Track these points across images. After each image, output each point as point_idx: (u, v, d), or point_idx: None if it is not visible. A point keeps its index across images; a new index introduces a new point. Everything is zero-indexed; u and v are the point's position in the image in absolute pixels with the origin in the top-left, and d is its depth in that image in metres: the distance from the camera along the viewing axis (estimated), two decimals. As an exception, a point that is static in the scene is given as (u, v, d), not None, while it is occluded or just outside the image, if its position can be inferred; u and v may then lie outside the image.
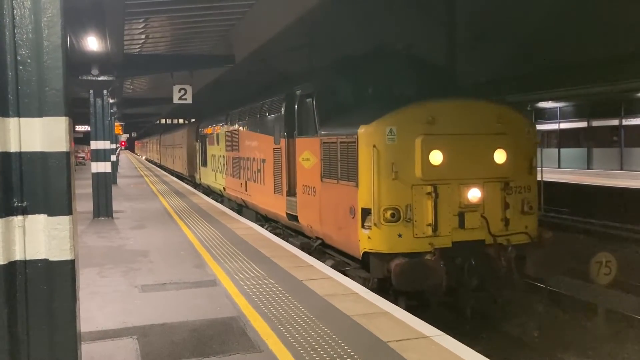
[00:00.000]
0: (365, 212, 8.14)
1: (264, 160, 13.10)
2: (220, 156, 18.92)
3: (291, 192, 11.24)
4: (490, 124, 8.36)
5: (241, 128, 15.76)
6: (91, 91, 15.40)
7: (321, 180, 9.54)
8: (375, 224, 7.89)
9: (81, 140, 50.38)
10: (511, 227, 8.35)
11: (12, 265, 3.30)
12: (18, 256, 3.32)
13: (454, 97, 8.70)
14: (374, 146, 7.94)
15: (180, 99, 18.10)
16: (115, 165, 30.54)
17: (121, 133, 45.30)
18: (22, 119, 3.31)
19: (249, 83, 23.24)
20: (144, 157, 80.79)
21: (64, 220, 3.38)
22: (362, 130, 8.29)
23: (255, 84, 21.61)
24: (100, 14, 10.48)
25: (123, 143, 69.32)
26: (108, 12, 10.41)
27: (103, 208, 15.24)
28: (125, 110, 36.59)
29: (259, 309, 6.63)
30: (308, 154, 10.10)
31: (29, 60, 3.30)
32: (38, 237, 3.35)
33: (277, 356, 5.19)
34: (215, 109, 24.18)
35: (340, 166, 8.90)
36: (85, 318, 6.16)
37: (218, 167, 19.69)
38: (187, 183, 29.77)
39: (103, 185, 15.34)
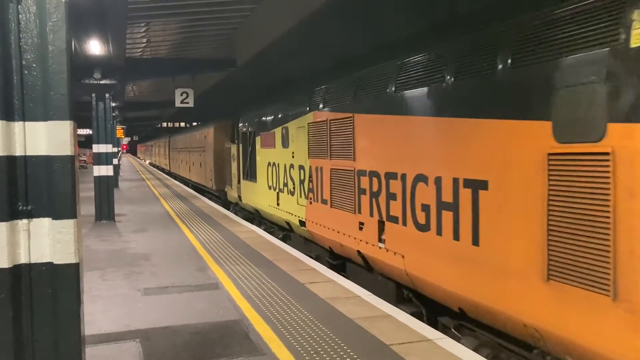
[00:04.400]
0: None
1: (480, 185, 5.77)
2: (291, 166, 11.76)
3: None
4: None
5: (369, 114, 8.20)
6: (93, 95, 15.45)
7: None
8: None
9: (83, 143, 50.44)
10: None
11: (17, 269, 3.31)
12: (23, 259, 3.34)
13: None
14: None
15: (182, 102, 18.12)
16: (117, 168, 30.58)
17: (123, 136, 45.37)
18: (27, 123, 3.33)
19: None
20: (147, 162, 76.48)
21: (68, 224, 3.40)
22: None
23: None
24: (103, 17, 10.51)
25: (124, 146, 69.36)
26: (110, 16, 10.44)
27: (105, 211, 15.26)
28: (127, 113, 36.65)
29: (261, 312, 6.65)
30: None
31: (34, 65, 3.32)
32: (43, 241, 3.36)
33: (279, 359, 5.19)
34: (274, 88, 16.75)
35: None
36: (88, 321, 6.17)
37: (285, 184, 12.28)
38: (209, 198, 23.42)
39: (105, 189, 15.36)
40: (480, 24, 6.21)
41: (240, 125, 17.00)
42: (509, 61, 5.41)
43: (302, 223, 11.10)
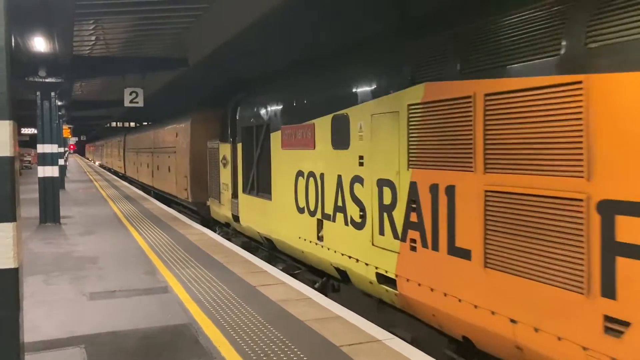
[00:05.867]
0: None
1: None
2: (356, 180, 7.41)
3: None
4: None
5: None
6: (38, 93, 14.96)
7: None
8: None
9: (27, 143, 48.75)
10: None
11: (-49, 274, 3.18)
12: (-43, 264, 3.21)
13: None
14: None
15: (131, 102, 17.75)
16: (63, 169, 29.67)
17: (70, 136, 44.05)
18: (-37, 123, 3.20)
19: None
20: (97, 164, 71.90)
21: (7, 227, 3.28)
22: None
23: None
24: (48, 13, 10.19)
25: (72, 146, 67.38)
26: (56, 12, 10.13)
27: (50, 213, 14.80)
28: (74, 112, 35.61)
29: (211, 315, 6.58)
30: None
31: (-30, 62, 3.20)
32: (-21, 245, 3.24)
33: (229, 363, 5.15)
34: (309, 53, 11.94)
35: None
36: (30, 328, 5.97)
37: (339, 208, 7.89)
38: (179, 210, 19.78)
39: (50, 190, 14.90)
40: None
41: (239, 116, 12.25)
42: None
43: (387, 280, 6.73)
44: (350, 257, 7.57)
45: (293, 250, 9.75)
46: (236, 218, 12.77)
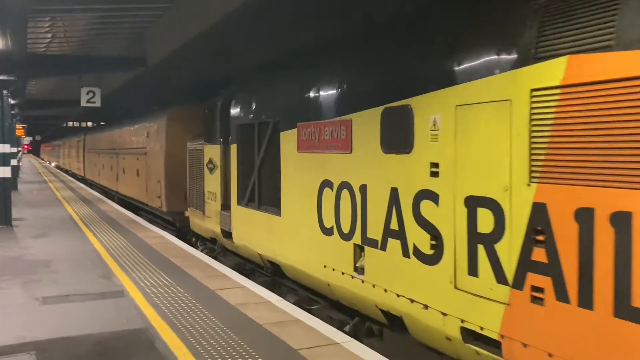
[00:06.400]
0: None
1: None
2: (426, 195, 5.45)
3: None
4: None
5: None
6: (-11, 91, 14.49)
7: None
8: None
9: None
10: None
11: None
12: None
13: None
14: None
15: (88, 102, 17.35)
16: (16, 170, 28.75)
17: (23, 135, 42.81)
18: None
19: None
20: (53, 165, 68.27)
21: (-48, 230, 3.16)
22: None
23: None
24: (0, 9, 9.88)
25: (26, 146, 65.47)
26: (8, 7, 9.83)
27: (1, 215, 14.34)
28: (28, 112, 34.56)
29: (168, 320, 6.48)
30: None
31: None
32: None
33: (186, 368, 5.09)
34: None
35: None
36: (-22, 334, 5.77)
37: (392, 233, 5.95)
38: (151, 220, 17.63)
39: (1, 192, 14.44)
40: None
41: (234, 111, 10.33)
42: None
43: (481, 339, 4.89)
44: (412, 300, 5.63)
45: (312, 281, 7.80)
46: (227, 234, 10.75)
